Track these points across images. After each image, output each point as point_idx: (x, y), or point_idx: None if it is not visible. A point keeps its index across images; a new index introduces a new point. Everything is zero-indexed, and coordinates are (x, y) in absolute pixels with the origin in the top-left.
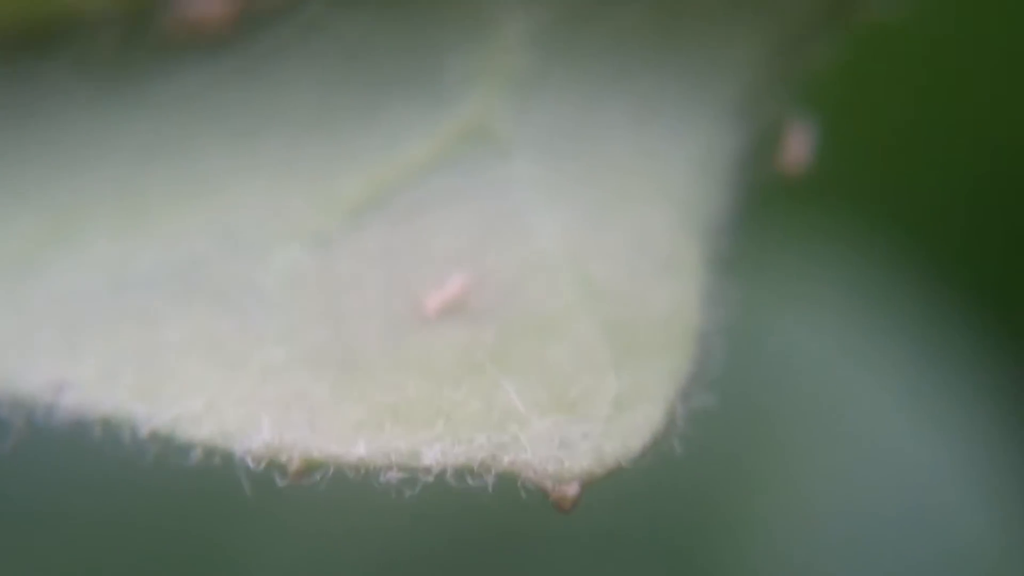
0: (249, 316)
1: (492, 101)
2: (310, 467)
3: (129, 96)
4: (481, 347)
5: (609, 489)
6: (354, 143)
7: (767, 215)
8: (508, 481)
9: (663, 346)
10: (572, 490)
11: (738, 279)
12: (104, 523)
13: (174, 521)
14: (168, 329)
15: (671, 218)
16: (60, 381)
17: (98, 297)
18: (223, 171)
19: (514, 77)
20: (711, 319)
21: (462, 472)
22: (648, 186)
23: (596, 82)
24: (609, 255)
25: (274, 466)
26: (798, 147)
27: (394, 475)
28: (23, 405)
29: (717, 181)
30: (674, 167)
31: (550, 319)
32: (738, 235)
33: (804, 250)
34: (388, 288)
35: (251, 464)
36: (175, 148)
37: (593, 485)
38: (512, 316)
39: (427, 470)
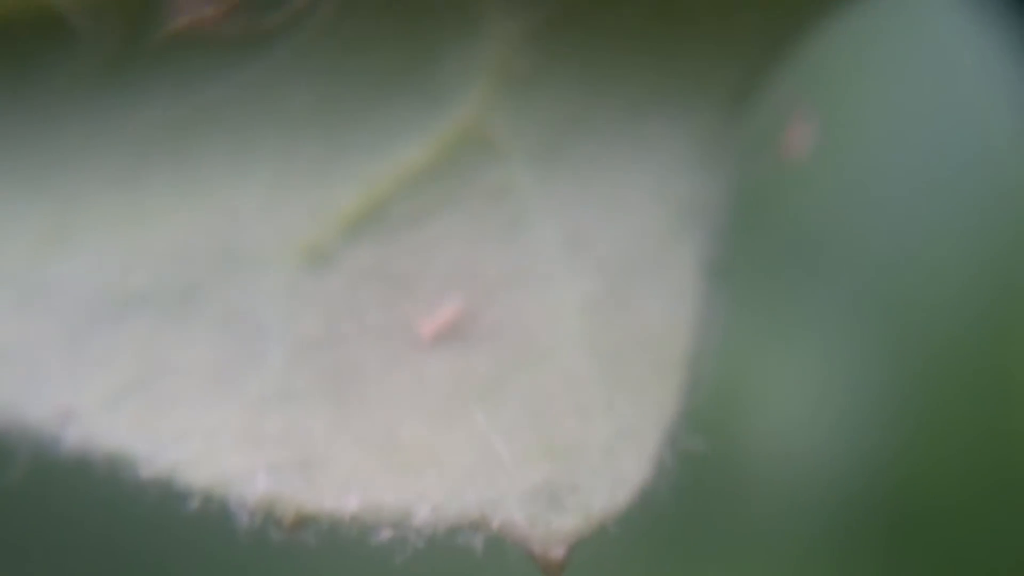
0: (247, 342)
1: (489, 102)
2: (304, 521)
3: (126, 95)
4: (473, 381)
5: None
6: (350, 147)
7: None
8: (497, 541)
9: (654, 376)
10: (558, 553)
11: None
12: (102, 558)
13: (172, 561)
14: (169, 353)
15: (668, 221)
16: (66, 410)
17: (101, 312)
18: (221, 176)
19: (511, 75)
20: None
21: (452, 532)
22: (646, 186)
23: (596, 77)
24: (604, 268)
25: (270, 519)
26: (800, 134)
27: (386, 534)
28: (29, 434)
29: (718, 175)
30: (674, 162)
31: (545, 344)
32: (734, 234)
33: None
34: (384, 310)
35: (246, 518)
36: (171, 149)
37: (578, 545)
38: (507, 340)
39: (418, 531)
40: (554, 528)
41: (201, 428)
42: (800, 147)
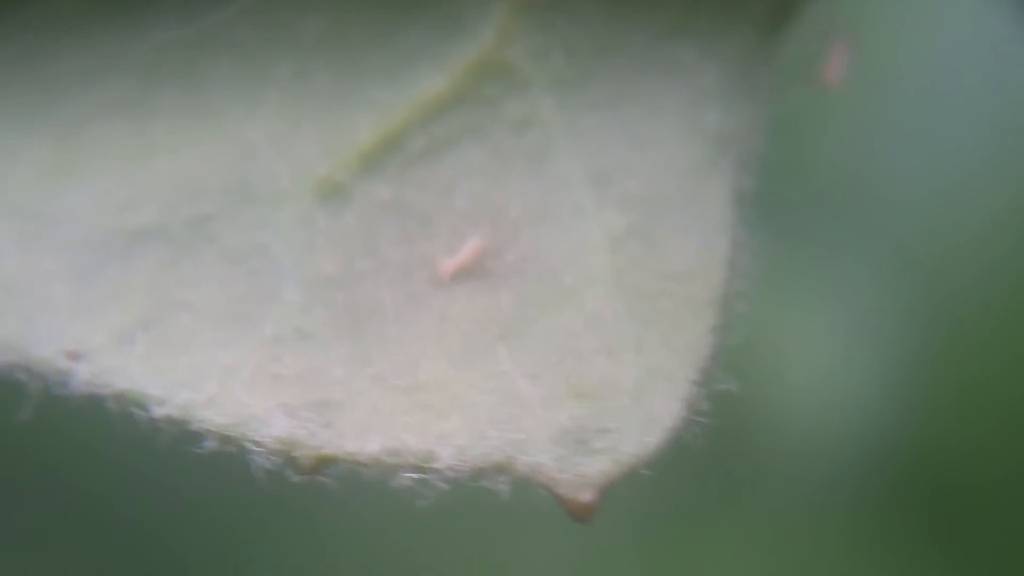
0: (261, 279)
1: (511, 26)
2: (323, 464)
3: (131, 16)
4: (497, 320)
5: None
6: (365, 75)
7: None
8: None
9: (685, 315)
10: (587, 497)
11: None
12: (115, 499)
13: (185, 502)
14: (180, 290)
15: (699, 153)
16: (75, 350)
17: (109, 246)
18: (230, 104)
19: None
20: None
21: (477, 475)
22: (676, 116)
23: (623, 0)
24: (632, 202)
25: (286, 460)
26: (838, 63)
27: (407, 478)
28: (38, 372)
29: (752, 104)
30: (705, 91)
31: (571, 281)
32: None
33: None
34: (403, 247)
35: (262, 460)
36: (178, 74)
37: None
38: (532, 278)
39: (441, 474)
40: (583, 472)
41: (215, 368)
42: (837, 76)
